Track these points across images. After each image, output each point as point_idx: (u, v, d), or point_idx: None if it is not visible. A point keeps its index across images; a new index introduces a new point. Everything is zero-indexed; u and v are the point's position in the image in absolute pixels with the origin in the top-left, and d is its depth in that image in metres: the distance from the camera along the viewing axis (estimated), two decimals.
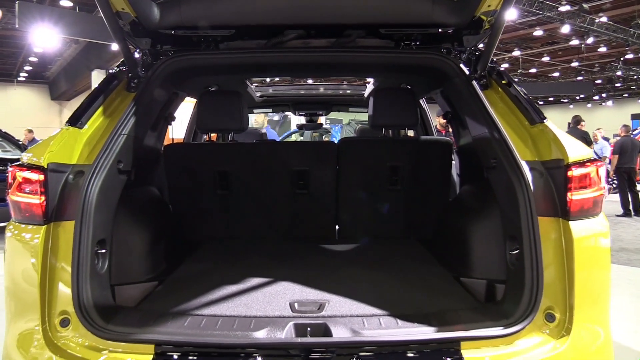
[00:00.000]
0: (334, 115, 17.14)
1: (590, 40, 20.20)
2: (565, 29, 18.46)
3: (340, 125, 15.78)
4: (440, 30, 2.50)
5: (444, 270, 2.56)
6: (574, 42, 22.24)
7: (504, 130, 2.12)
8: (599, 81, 32.41)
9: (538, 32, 20.71)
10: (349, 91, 4.88)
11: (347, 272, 2.52)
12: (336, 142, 3.16)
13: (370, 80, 4.27)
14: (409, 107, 3.01)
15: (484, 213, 2.40)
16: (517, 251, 1.95)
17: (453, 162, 3.22)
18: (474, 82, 2.40)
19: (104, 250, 2.03)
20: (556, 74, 31.72)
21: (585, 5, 17.40)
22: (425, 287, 2.29)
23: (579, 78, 31.17)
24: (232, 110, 2.97)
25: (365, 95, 4.65)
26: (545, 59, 26.96)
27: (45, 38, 15.84)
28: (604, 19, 19.04)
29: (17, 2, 12.99)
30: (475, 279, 2.35)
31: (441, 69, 2.52)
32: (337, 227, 3.27)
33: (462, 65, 2.48)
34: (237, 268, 2.62)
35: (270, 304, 2.07)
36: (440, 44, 2.64)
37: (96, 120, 2.27)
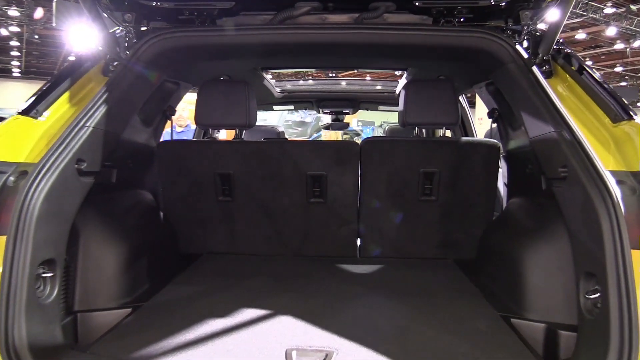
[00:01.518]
0: (365, 116, 16.61)
1: (637, 44, 19.08)
2: (611, 31, 17.46)
3: (372, 127, 15.21)
4: (491, 2, 1.98)
5: (488, 307, 2.03)
6: (619, 45, 21.10)
7: (579, 129, 1.59)
8: None
9: (581, 35, 19.69)
10: (378, 87, 4.37)
11: (366, 304, 2.03)
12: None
13: (403, 74, 3.74)
14: (449, 102, 2.50)
15: (545, 237, 1.89)
16: (597, 295, 1.41)
17: (499, 169, 2.68)
18: (535, 69, 1.88)
19: (51, 274, 1.59)
20: None
21: (633, 7, 16.43)
22: (464, 333, 1.77)
23: (623, 83, 29.76)
24: (236, 102, 2.52)
25: (397, 91, 4.14)
26: (587, 63, 25.67)
27: (83, 36, 15.83)
28: None
29: (55, 0, 12.98)
30: (531, 321, 1.83)
31: (491, 52, 1.99)
32: (358, 243, 2.78)
33: (518, 48, 1.95)
34: (232, 293, 2.16)
35: (261, 352, 1.59)
36: (489, 21, 2.12)
37: (59, 109, 1.85)
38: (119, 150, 2.19)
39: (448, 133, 4.23)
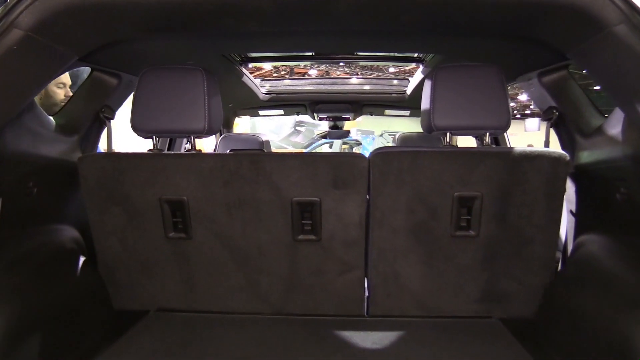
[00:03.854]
0: (363, 125, 15.72)
1: None
2: None
3: (372, 137, 14.39)
4: None
5: None
6: None
7: None
8: None
9: None
10: (385, 87, 3.59)
11: None
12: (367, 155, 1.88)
13: (418, 67, 2.96)
14: (498, 97, 1.74)
15: None
16: None
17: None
18: None
19: None
20: None
21: None
22: None
23: None
24: (188, 99, 1.76)
25: (408, 91, 3.36)
26: None
27: None
28: None
29: None
30: None
31: (587, 9, 1.23)
32: (366, 296, 1.99)
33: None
34: None
35: None
36: None
37: None
38: (1, 168, 1.43)
39: (470, 141, 3.45)
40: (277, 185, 1.81)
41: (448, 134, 1.84)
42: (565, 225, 1.99)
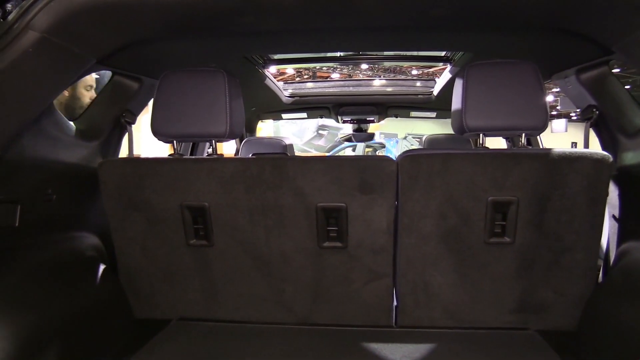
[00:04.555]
0: (386, 127, 15.54)
1: None
2: None
3: (396, 140, 14.24)
4: None
5: None
6: None
7: None
8: None
9: None
10: (411, 87, 3.50)
11: None
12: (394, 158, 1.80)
13: (445, 67, 2.87)
14: (534, 96, 1.64)
15: None
16: None
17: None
18: None
19: None
20: None
21: None
22: None
23: None
24: (209, 102, 1.71)
25: (435, 91, 3.26)
26: None
27: None
28: None
29: None
30: None
31: None
32: (394, 305, 1.91)
33: None
34: None
35: None
36: None
37: None
38: (19, 175, 1.39)
39: (498, 143, 3.33)
40: (301, 190, 1.74)
41: (481, 135, 1.75)
42: (607, 232, 1.88)
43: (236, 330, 1.87)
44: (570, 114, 15.45)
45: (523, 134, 1.74)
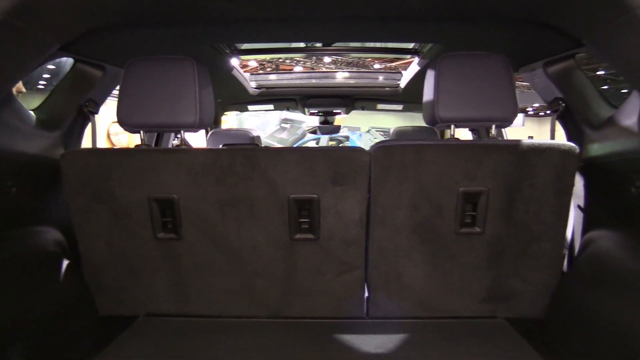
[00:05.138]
0: (349, 121, 15.53)
1: None
2: None
3: (359, 133, 14.30)
4: None
5: None
6: None
7: None
8: None
9: None
10: (378, 80, 3.50)
11: None
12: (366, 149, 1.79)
13: (413, 60, 2.87)
14: (505, 87, 1.66)
15: None
16: None
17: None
18: None
19: None
20: None
21: None
22: None
23: None
24: (178, 90, 1.65)
25: (402, 84, 3.27)
26: None
27: None
28: None
29: None
30: None
31: None
32: (366, 297, 1.91)
33: None
34: None
35: None
36: None
37: None
38: None
39: (465, 134, 3.38)
40: (273, 181, 1.72)
41: (452, 126, 1.76)
42: (572, 222, 1.92)
43: (206, 325, 1.83)
44: (527, 109, 15.85)
45: (494, 126, 1.76)
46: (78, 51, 1.82)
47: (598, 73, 9.52)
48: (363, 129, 15.27)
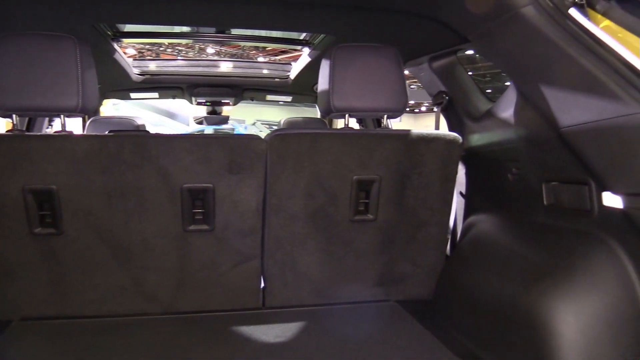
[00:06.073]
0: (234, 114, 15.36)
1: None
2: None
3: (245, 126, 14.18)
4: None
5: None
6: None
7: None
8: None
9: None
10: (267, 70, 3.47)
11: None
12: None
13: (301, 52, 2.89)
14: (396, 79, 1.72)
15: (569, 282, 1.23)
16: None
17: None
18: (575, 11, 1.16)
19: None
20: None
21: None
22: None
23: None
24: (58, 70, 1.50)
25: (292, 75, 3.28)
26: None
27: None
28: None
29: None
30: None
31: None
32: (262, 287, 1.89)
33: None
34: None
35: None
36: None
37: None
38: None
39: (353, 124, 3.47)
40: (165, 170, 1.63)
41: (346, 116, 1.79)
42: (455, 208, 2.06)
43: (90, 326, 1.70)
44: (422, 106, 16.74)
45: (385, 116, 1.82)
46: None
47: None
48: (248, 121, 15.17)
